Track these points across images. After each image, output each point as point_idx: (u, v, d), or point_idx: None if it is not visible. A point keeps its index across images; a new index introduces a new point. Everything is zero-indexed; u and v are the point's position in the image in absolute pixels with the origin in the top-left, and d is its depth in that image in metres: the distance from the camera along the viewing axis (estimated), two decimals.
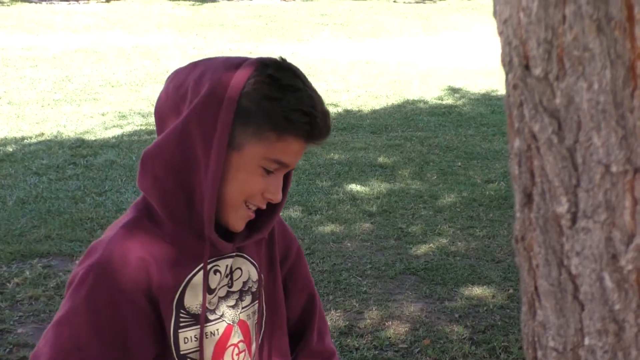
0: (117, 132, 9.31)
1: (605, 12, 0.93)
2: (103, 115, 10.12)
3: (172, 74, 1.70)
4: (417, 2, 23.35)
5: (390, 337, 4.71)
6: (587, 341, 1.02)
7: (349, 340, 4.62)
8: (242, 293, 1.80)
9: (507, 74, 1.05)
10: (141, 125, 9.64)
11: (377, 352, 4.55)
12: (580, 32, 0.94)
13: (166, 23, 18.36)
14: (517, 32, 1.01)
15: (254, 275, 1.82)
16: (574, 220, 1.00)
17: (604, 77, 0.94)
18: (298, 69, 1.64)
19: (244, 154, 1.60)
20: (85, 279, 1.62)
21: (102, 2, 21.69)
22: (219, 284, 1.74)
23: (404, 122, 10.09)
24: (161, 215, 1.65)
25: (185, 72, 1.66)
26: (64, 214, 6.49)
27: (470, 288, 5.34)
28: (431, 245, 6.08)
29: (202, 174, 1.60)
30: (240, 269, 1.79)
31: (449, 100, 11.38)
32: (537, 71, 0.99)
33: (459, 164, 8.23)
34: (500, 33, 1.05)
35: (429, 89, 12.04)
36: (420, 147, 8.87)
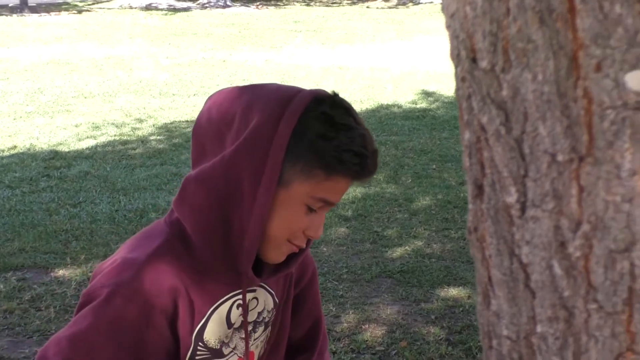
0: (90, 143, 9.27)
1: (547, 4, 0.94)
2: (76, 126, 10.07)
3: (213, 96, 1.65)
4: (389, 8, 23.43)
5: (367, 340, 4.72)
6: (539, 328, 1.03)
7: None
8: (255, 324, 1.78)
9: (455, 67, 1.06)
10: (115, 135, 9.61)
11: (354, 355, 4.55)
12: (524, 24, 0.96)
13: (139, 33, 18.31)
14: (463, 25, 1.03)
15: (270, 305, 1.80)
16: (523, 209, 1.01)
17: (547, 68, 0.95)
18: (350, 106, 1.60)
19: (290, 191, 1.56)
20: (113, 298, 1.58)
21: (74, 13, 21.60)
22: (237, 316, 1.72)
23: (379, 126, 10.11)
24: (195, 243, 1.62)
25: (231, 98, 1.60)
26: (38, 227, 6.46)
27: (446, 289, 5.36)
28: (407, 248, 6.10)
29: (245, 209, 1.56)
30: (257, 299, 1.76)
31: (422, 104, 11.42)
32: (484, 64, 1.01)
33: (434, 166, 8.26)
34: (448, 27, 1.06)
35: (403, 93, 12.08)
36: (394, 151, 8.89)
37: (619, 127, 0.93)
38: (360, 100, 11.62)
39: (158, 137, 9.55)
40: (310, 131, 1.53)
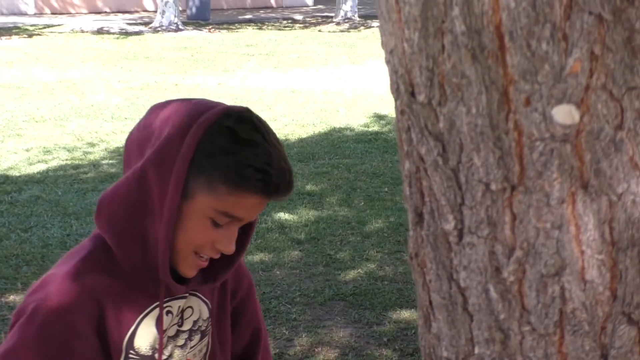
0: (42, 167, 9.19)
1: (479, 42, 1.00)
2: (27, 150, 9.98)
3: (150, 109, 1.68)
4: (341, 32, 23.56)
5: None
6: (476, 350, 1.08)
7: None
8: (191, 332, 1.79)
9: (395, 101, 1.11)
10: (67, 160, 9.54)
11: None
12: (458, 60, 1.01)
13: (90, 57, 18.21)
14: (402, 61, 1.08)
15: (205, 314, 1.81)
16: (460, 236, 1.06)
17: (480, 102, 1.01)
18: (261, 121, 1.61)
19: (194, 203, 1.58)
20: (37, 313, 1.60)
21: (25, 37, 21.43)
22: (170, 324, 1.73)
23: (331, 149, 10.16)
24: (116, 253, 1.64)
25: (156, 111, 1.64)
26: None
27: (398, 312, 5.40)
28: (359, 270, 6.13)
29: (157, 219, 1.58)
30: (191, 307, 1.78)
31: (375, 127, 11.50)
32: (421, 97, 1.06)
33: (386, 189, 8.32)
34: (388, 62, 1.11)
35: (355, 117, 12.15)
36: (347, 174, 8.94)
37: (548, 158, 0.99)
38: (313, 124, 11.67)
39: (110, 161, 9.50)
40: (214, 145, 1.55)
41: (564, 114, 0.97)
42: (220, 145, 1.56)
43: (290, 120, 11.78)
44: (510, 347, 1.06)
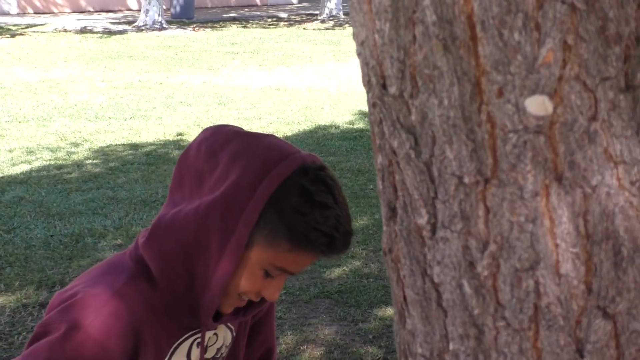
0: (25, 168, 9.14)
1: (451, 32, 0.98)
2: (10, 151, 9.93)
3: (209, 131, 1.63)
4: (326, 29, 23.56)
5: None
6: (451, 346, 1.06)
7: None
8: None
9: (367, 93, 1.09)
10: (50, 160, 9.50)
11: None
12: (429, 51, 1.00)
13: (74, 56, 18.13)
14: (373, 53, 1.06)
15: (228, 340, 1.79)
16: (433, 230, 1.04)
17: (452, 94, 0.99)
18: (334, 181, 1.58)
19: (251, 252, 1.55)
20: (71, 335, 1.55)
21: (7, 37, 21.33)
22: (197, 354, 1.71)
23: (316, 147, 10.15)
24: (159, 284, 1.60)
25: (221, 141, 1.58)
26: None
27: (383, 309, 5.39)
28: (345, 268, 6.12)
29: (211, 263, 1.55)
30: (216, 334, 1.75)
31: (359, 125, 11.50)
32: (393, 90, 1.04)
33: (371, 187, 8.31)
34: (359, 54, 1.09)
35: (340, 114, 12.14)
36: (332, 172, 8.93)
37: (521, 150, 0.97)
38: (298, 122, 11.66)
39: (94, 161, 9.47)
40: (285, 202, 1.52)
41: (537, 105, 0.95)
42: (292, 203, 1.52)
43: (275, 118, 11.77)
44: (484, 343, 1.04)
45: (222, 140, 1.58)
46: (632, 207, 0.98)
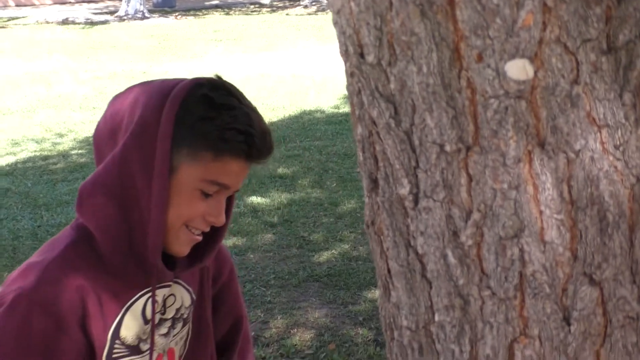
0: (10, 159, 9.10)
1: None
2: None
3: (111, 100, 1.65)
4: (309, 14, 23.49)
5: (296, 345, 4.72)
6: (437, 317, 1.05)
7: (255, 351, 4.61)
8: (174, 321, 1.76)
9: (345, 63, 1.07)
10: (35, 151, 9.45)
11: None
12: (406, 17, 0.97)
13: (56, 48, 18.03)
14: (349, 21, 1.04)
15: (187, 301, 1.78)
16: (416, 201, 1.03)
17: (431, 60, 0.97)
18: (234, 87, 1.60)
19: (179, 177, 1.56)
20: (18, 303, 1.55)
21: None
22: (154, 312, 1.70)
23: (302, 132, 10.13)
24: (101, 243, 1.60)
25: (121, 99, 1.61)
26: None
27: (373, 291, 5.38)
28: (333, 251, 6.11)
29: (143, 202, 1.55)
30: (174, 295, 1.74)
31: (345, 109, 11.47)
32: (371, 58, 1.02)
33: (357, 170, 8.30)
34: (335, 24, 1.07)
35: (325, 99, 12.11)
36: (319, 156, 8.91)
37: (502, 116, 0.95)
38: (283, 107, 11.63)
39: (79, 151, 9.42)
40: (192, 115, 1.54)
41: (518, 70, 0.93)
42: (198, 113, 1.53)
43: (260, 104, 11.73)
44: (470, 313, 1.03)
45: (121, 98, 1.61)
46: (617, 171, 0.97)
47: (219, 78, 1.60)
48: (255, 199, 7.40)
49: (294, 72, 14.52)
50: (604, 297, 0.99)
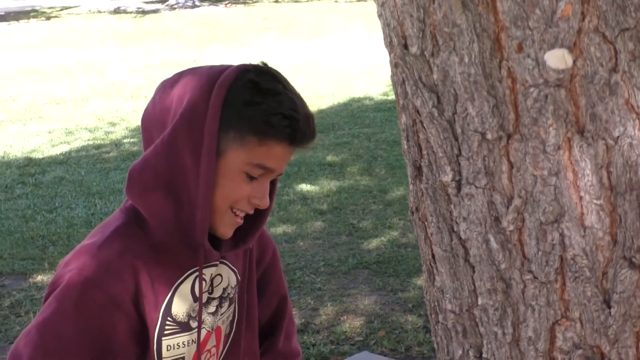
0: (64, 148, 9.25)
1: None
2: (49, 132, 10.04)
3: (159, 84, 1.69)
4: (358, 1, 23.43)
5: (346, 331, 4.75)
6: (480, 301, 1.07)
7: (305, 337, 4.66)
8: (221, 300, 1.81)
9: (389, 54, 1.10)
10: (88, 140, 9.59)
11: (333, 346, 4.58)
12: (448, 9, 1.00)
13: (109, 37, 18.23)
14: (393, 13, 1.07)
15: (233, 281, 1.83)
16: (458, 187, 1.05)
17: (472, 51, 1.00)
18: (279, 73, 1.63)
19: (226, 160, 1.60)
20: (75, 283, 1.61)
21: (43, 20, 21.49)
22: (202, 291, 1.75)
23: (351, 119, 10.14)
24: (150, 224, 1.66)
25: (170, 84, 1.66)
26: (14, 233, 6.45)
27: (422, 278, 5.37)
28: (382, 238, 6.13)
29: (191, 184, 1.60)
30: (220, 275, 1.79)
31: (394, 96, 11.46)
32: (414, 49, 1.05)
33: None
34: (380, 16, 1.10)
35: (374, 86, 12.10)
36: (367, 144, 8.93)
37: (542, 104, 0.98)
38: (332, 95, 11.65)
39: (131, 140, 9.54)
40: (238, 100, 1.58)
41: (557, 59, 0.96)
42: (244, 98, 1.58)
43: (309, 92, 11.76)
44: (512, 297, 1.05)
45: (170, 83, 1.66)
46: None
47: (265, 64, 1.64)
48: (304, 187, 7.44)
49: (343, 59, 14.51)
50: None
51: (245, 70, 1.60)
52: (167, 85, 1.66)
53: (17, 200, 7.41)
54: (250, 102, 1.57)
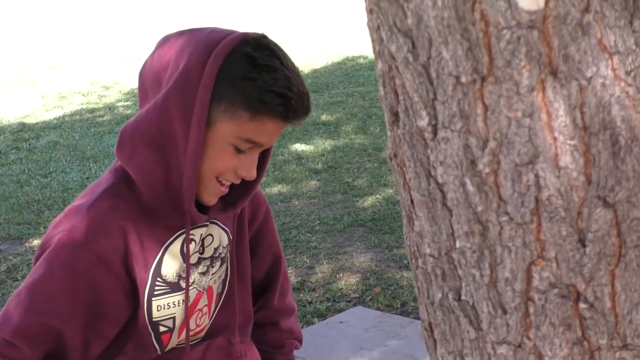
0: (58, 113, 9.25)
1: None
2: (43, 97, 10.04)
3: (160, 40, 1.69)
4: None
5: (342, 289, 4.78)
6: (457, 244, 1.09)
7: (301, 295, 4.69)
8: (212, 259, 1.83)
9: (365, 0, 1.10)
10: (82, 104, 9.59)
11: (329, 304, 4.62)
12: None
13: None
14: None
15: (225, 241, 1.84)
16: (434, 132, 1.06)
17: None
18: (278, 47, 1.62)
19: (215, 130, 1.60)
20: (65, 244, 1.63)
21: None
22: (192, 251, 1.76)
23: (345, 78, 10.13)
24: (139, 186, 1.67)
25: (170, 42, 1.65)
26: (9, 199, 6.47)
27: None
28: (377, 196, 6.15)
29: (180, 150, 1.60)
30: (211, 235, 1.81)
31: None
32: None
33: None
34: None
35: (368, 44, 12.08)
36: (362, 102, 8.93)
37: (515, 46, 0.98)
38: (326, 54, 11.63)
39: (125, 103, 9.54)
40: (233, 73, 1.57)
41: (529, 0, 0.96)
42: (239, 72, 1.57)
43: (302, 53, 11.72)
44: (489, 239, 1.06)
45: (170, 43, 1.65)
46: (628, 96, 0.99)
47: (265, 37, 1.63)
48: (299, 146, 7.45)
49: (334, 16, 14.46)
50: (618, 219, 1.02)
51: (245, 42, 1.59)
52: (167, 43, 1.65)
53: (11, 166, 7.42)
54: (244, 77, 1.57)
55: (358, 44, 12.18)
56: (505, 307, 1.08)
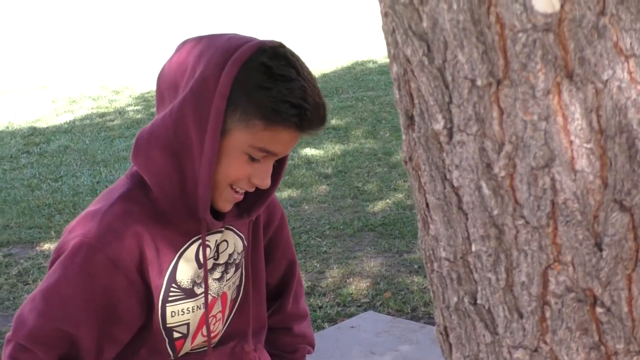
0: (68, 117, 9.28)
1: None
2: (53, 102, 10.07)
3: (179, 44, 1.68)
4: None
5: (352, 293, 4.78)
6: (473, 248, 1.08)
7: (312, 300, 4.70)
8: (227, 266, 1.82)
9: (379, 3, 1.10)
10: (92, 108, 9.62)
11: (340, 308, 4.62)
12: None
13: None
14: None
15: (239, 247, 1.84)
16: (450, 135, 1.06)
17: None
18: (295, 57, 1.61)
19: (230, 139, 1.60)
20: (80, 248, 1.63)
21: None
22: (207, 257, 1.76)
23: (355, 83, 10.14)
24: (154, 192, 1.67)
25: (188, 48, 1.64)
26: (20, 202, 6.49)
27: None
28: (387, 200, 6.16)
29: (195, 157, 1.60)
30: (226, 241, 1.81)
31: None
32: None
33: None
34: None
35: (378, 48, 12.08)
36: (372, 107, 8.94)
37: (531, 49, 0.98)
38: (336, 58, 11.63)
39: (135, 107, 9.56)
40: (249, 82, 1.56)
41: (545, 3, 0.96)
42: (255, 81, 1.56)
43: (312, 56, 11.73)
44: (505, 242, 1.06)
45: (189, 48, 1.64)
46: None
47: (282, 46, 1.62)
48: (309, 151, 7.46)
49: (345, 21, 14.47)
50: (635, 223, 1.01)
51: (262, 51, 1.58)
52: (185, 48, 1.65)
53: (22, 170, 7.45)
54: (260, 87, 1.56)
55: (367, 48, 12.19)
56: (521, 311, 1.08)
